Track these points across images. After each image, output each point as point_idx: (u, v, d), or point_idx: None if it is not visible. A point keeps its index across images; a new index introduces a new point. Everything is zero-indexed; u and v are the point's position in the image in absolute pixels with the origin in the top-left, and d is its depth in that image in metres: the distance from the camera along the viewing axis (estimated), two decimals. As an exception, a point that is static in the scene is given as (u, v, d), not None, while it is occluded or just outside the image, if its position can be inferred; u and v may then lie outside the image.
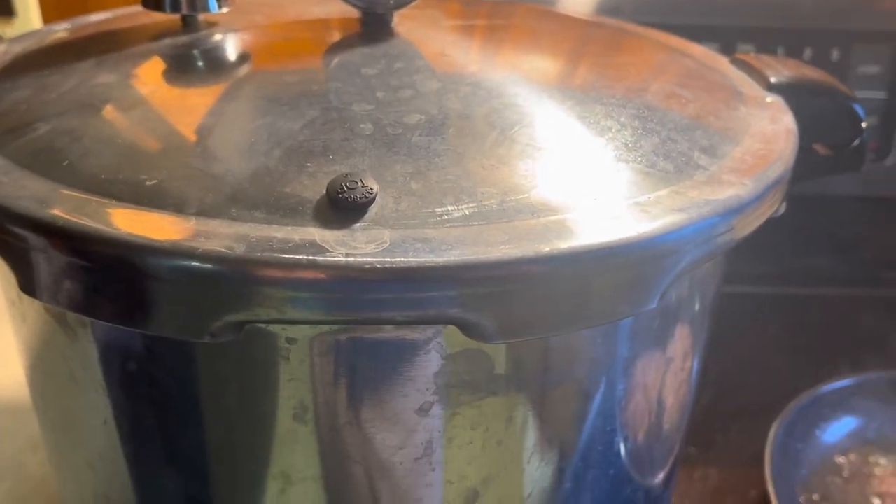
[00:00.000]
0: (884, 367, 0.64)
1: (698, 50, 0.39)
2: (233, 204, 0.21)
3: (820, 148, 0.36)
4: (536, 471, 0.26)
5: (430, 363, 0.23)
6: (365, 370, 0.23)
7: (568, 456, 0.27)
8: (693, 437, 0.62)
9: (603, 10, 0.64)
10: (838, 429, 0.60)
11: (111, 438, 0.26)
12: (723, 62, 0.37)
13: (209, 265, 0.20)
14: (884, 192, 0.80)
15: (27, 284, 0.22)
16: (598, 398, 0.26)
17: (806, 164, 0.36)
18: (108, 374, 0.25)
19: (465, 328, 0.21)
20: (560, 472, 0.27)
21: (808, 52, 0.70)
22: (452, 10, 0.38)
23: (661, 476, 0.34)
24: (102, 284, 0.21)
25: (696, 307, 0.30)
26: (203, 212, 0.21)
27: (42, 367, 0.28)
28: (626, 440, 0.29)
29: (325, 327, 0.22)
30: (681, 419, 0.34)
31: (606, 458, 0.29)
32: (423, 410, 0.24)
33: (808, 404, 0.59)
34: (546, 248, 0.20)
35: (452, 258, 0.20)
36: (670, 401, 0.32)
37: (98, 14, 0.40)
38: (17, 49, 0.34)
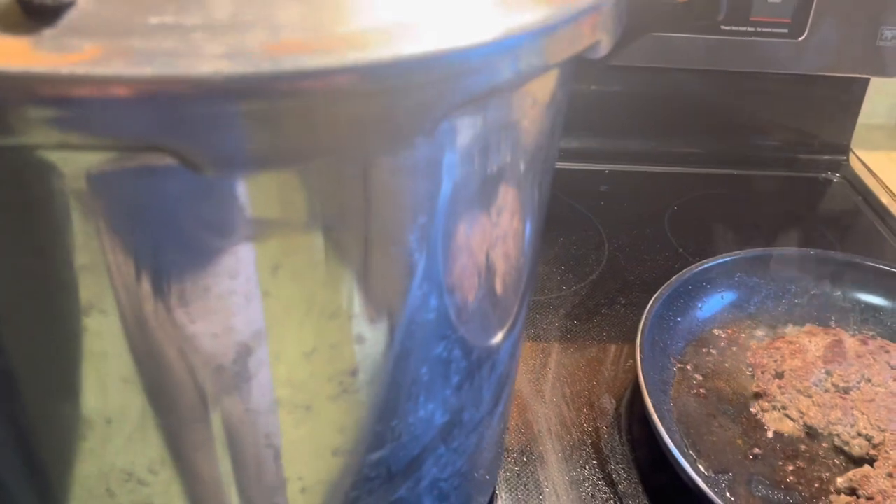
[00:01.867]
0: (767, 243, 0.64)
1: None
2: None
3: (675, -6, 0.33)
4: (309, 324, 0.24)
5: (168, 206, 0.20)
6: (117, 204, 0.21)
7: (360, 303, 0.25)
8: (577, 311, 0.62)
9: None
10: (718, 302, 0.60)
11: None
12: None
13: None
14: (796, 70, 0.78)
15: None
16: (364, 243, 0.24)
17: (658, 12, 0.33)
18: None
19: (179, 158, 0.18)
20: (343, 326, 0.25)
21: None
22: None
23: (489, 340, 0.33)
24: None
25: (513, 162, 0.28)
26: None
27: None
28: (432, 297, 0.27)
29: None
30: (511, 283, 0.33)
31: (413, 316, 0.27)
32: (175, 262, 0.21)
33: (690, 278, 0.58)
34: (266, 64, 0.18)
35: (154, 72, 0.17)
36: (496, 263, 0.30)
37: None
38: None
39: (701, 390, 0.54)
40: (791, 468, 0.48)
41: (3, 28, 0.18)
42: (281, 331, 0.24)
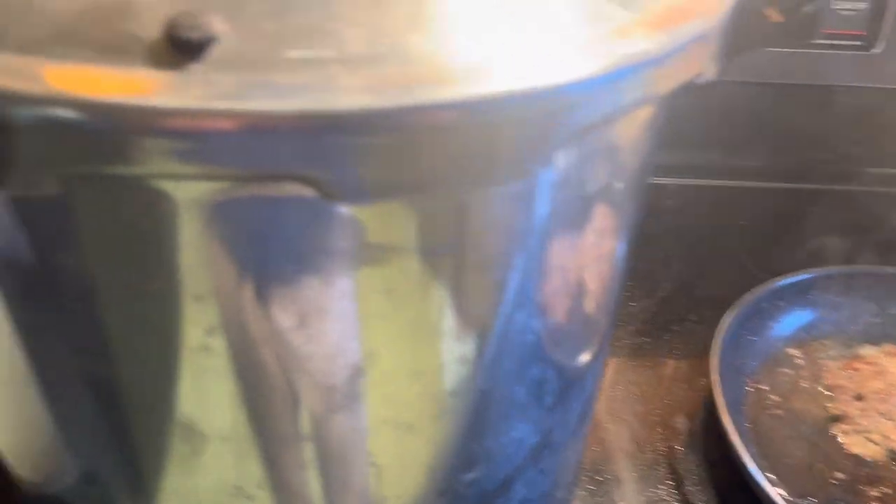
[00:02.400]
0: (844, 261, 0.63)
1: None
2: (58, 40, 0.19)
3: (772, 13, 0.33)
4: (419, 345, 0.25)
5: (288, 229, 0.21)
6: (237, 231, 0.21)
7: (459, 327, 0.25)
8: (646, 328, 0.62)
9: None
10: (793, 321, 0.59)
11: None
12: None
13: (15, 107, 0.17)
14: (870, 83, 0.76)
15: None
16: (487, 267, 0.24)
17: (756, 31, 0.33)
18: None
19: (315, 186, 0.19)
20: (450, 347, 0.26)
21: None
22: None
23: (580, 360, 0.33)
24: None
25: (612, 184, 0.28)
26: (23, 48, 0.19)
27: None
28: (531, 319, 0.28)
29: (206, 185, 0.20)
30: (603, 303, 0.33)
31: (512, 338, 0.28)
32: (292, 281, 0.22)
33: (764, 297, 0.58)
34: (406, 99, 0.18)
35: (296, 106, 0.18)
36: (589, 284, 0.30)
37: None
38: None
39: (777, 411, 0.53)
40: (876, 494, 0.47)
41: (153, 63, 0.19)
42: (392, 352, 0.25)
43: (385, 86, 0.18)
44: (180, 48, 0.19)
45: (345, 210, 0.21)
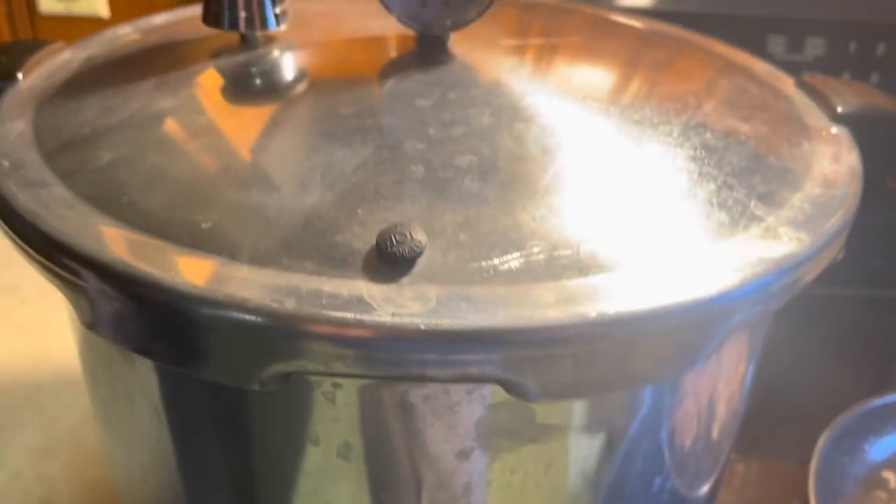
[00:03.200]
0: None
1: (764, 69, 0.38)
2: (285, 252, 0.22)
3: (890, 181, 0.34)
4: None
5: (473, 413, 0.23)
6: (407, 416, 0.24)
7: (608, 496, 0.27)
8: (736, 441, 0.61)
9: None
10: (888, 444, 0.58)
11: (165, 454, 0.27)
12: (787, 84, 0.36)
13: (260, 318, 0.20)
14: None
15: (87, 321, 0.23)
16: (641, 442, 0.26)
17: (874, 197, 0.34)
18: (165, 402, 0.26)
19: (508, 388, 0.21)
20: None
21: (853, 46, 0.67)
22: (509, 24, 0.37)
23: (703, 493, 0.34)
24: (157, 329, 0.22)
25: (748, 348, 0.29)
26: (256, 259, 0.22)
27: (101, 379, 0.30)
28: (667, 479, 0.29)
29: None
30: (724, 450, 0.34)
31: (646, 498, 0.29)
32: (462, 455, 0.24)
33: (858, 418, 0.57)
34: (593, 314, 0.20)
35: (496, 322, 0.20)
36: (715, 435, 0.32)
37: (161, 15, 0.41)
38: (82, 55, 0.35)
39: (876, 539, 0.52)
40: None
41: (367, 275, 0.21)
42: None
43: (574, 299, 0.21)
44: (392, 262, 0.21)
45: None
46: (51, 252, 0.23)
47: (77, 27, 0.76)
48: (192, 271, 0.21)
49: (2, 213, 0.24)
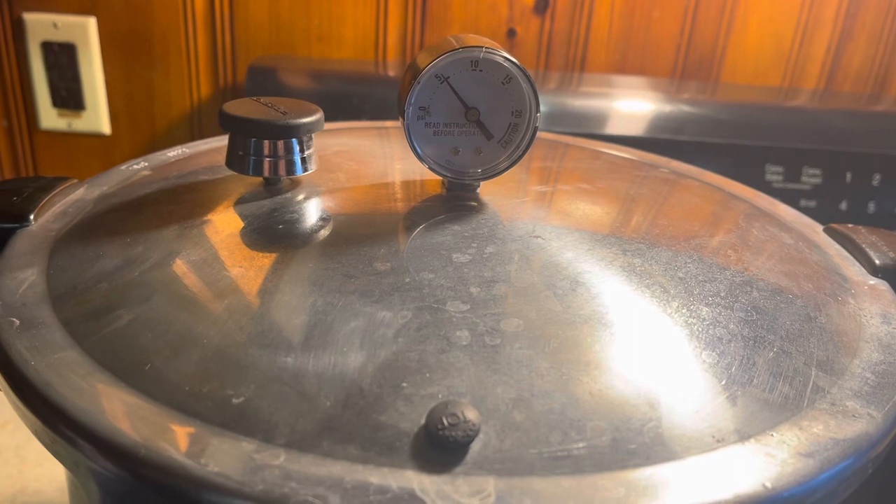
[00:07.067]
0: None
1: (789, 213, 0.37)
2: (325, 434, 0.20)
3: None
4: None
5: None
6: None
7: None
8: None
9: (651, 127, 0.64)
10: None
11: None
12: (816, 232, 0.36)
13: (301, 518, 0.18)
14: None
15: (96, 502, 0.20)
16: None
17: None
18: None
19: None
20: None
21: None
22: (533, 164, 0.37)
23: None
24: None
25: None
26: (293, 443, 0.20)
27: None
28: None
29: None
30: None
31: None
32: None
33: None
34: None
35: (564, 520, 0.18)
36: None
37: (175, 149, 0.40)
38: (96, 193, 0.34)
39: None
40: None
41: (416, 463, 0.19)
42: None
43: (645, 493, 0.19)
44: (444, 447, 0.19)
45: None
46: (63, 429, 0.21)
47: (77, 143, 0.76)
48: (223, 458, 0.19)
49: (10, 380, 0.22)
